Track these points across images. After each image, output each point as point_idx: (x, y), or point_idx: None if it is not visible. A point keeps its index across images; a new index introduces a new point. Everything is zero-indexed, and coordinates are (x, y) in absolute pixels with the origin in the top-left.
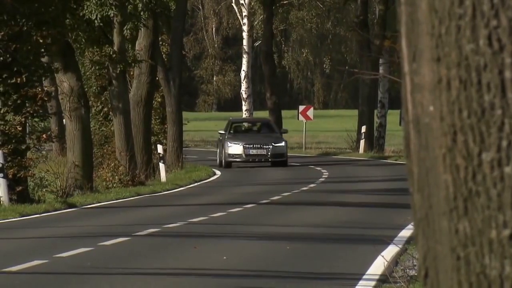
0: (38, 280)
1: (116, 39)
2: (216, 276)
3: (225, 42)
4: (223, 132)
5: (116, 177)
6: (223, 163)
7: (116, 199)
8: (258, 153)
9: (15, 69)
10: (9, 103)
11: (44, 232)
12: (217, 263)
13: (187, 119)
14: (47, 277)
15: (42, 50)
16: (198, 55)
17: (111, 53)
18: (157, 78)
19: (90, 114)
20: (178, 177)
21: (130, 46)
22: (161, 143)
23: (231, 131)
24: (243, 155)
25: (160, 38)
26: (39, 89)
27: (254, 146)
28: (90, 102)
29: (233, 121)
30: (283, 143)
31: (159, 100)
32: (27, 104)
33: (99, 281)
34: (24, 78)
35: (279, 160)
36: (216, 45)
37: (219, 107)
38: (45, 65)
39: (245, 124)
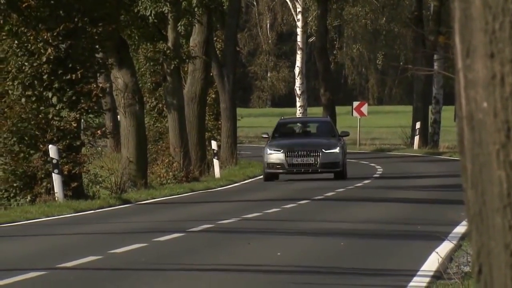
0: (93, 276)
1: (170, 35)
2: (270, 272)
3: (279, 38)
4: (266, 135)
5: (170, 173)
6: (263, 175)
7: (170, 195)
8: (304, 162)
9: (70, 65)
10: (64, 99)
11: (98, 228)
12: (271, 259)
13: (241, 115)
14: (101, 273)
15: (97, 46)
16: (252, 51)
17: (165, 49)
18: (211, 74)
19: (145, 110)
20: (232, 173)
21: (184, 42)
22: (215, 139)
23: (276, 134)
24: (285, 164)
25: (214, 34)
26: (94, 85)
27: (299, 153)
28: (144, 98)
29: (281, 122)
30: (337, 149)
31: (213, 96)
32: (82, 100)
33: (153, 277)
34: (79, 75)
35: (331, 170)
36: (270, 41)
37: (273, 103)
38: (100, 61)
39: (297, 125)
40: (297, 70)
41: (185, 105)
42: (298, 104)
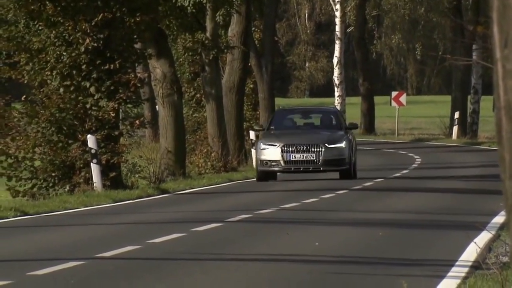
0: (131, 265)
1: (208, 25)
2: (308, 262)
3: (318, 28)
4: (260, 127)
5: (209, 163)
6: (256, 175)
7: (209, 185)
8: (303, 159)
9: (108, 55)
10: (103, 89)
11: (137, 218)
12: (309, 249)
13: (279, 105)
14: (140, 262)
15: (135, 36)
16: (290, 41)
17: (203, 40)
18: (249, 64)
19: (183, 100)
20: None
21: (222, 32)
22: (253, 129)
23: (272, 126)
24: (281, 162)
25: (252, 24)
26: (132, 75)
27: (298, 148)
28: (183, 88)
29: (278, 112)
30: (343, 144)
31: (251, 86)
32: (120, 90)
33: (191, 267)
34: (117, 64)
35: (336, 168)
36: (308, 31)
37: (312, 93)
38: (138, 51)
39: (297, 116)
40: (335, 60)
41: (223, 95)
42: (336, 94)
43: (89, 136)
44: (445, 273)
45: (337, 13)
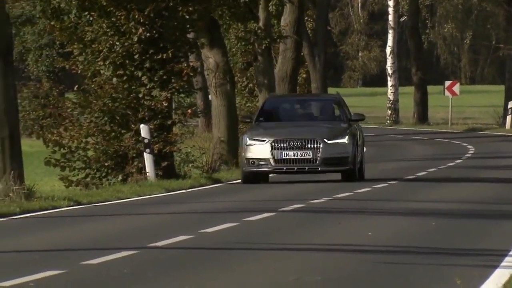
0: (184, 255)
1: (261, 15)
2: (361, 251)
3: (371, 18)
4: (247, 119)
5: None
6: (241, 176)
7: None
8: (297, 157)
9: (161, 45)
10: (155, 79)
11: (189, 208)
12: (362, 238)
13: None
14: (192, 252)
15: (188, 26)
16: (343, 31)
17: (256, 29)
18: (302, 54)
19: (236, 90)
20: None
21: (275, 22)
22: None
23: (261, 118)
24: (271, 160)
25: (305, 14)
26: (185, 65)
27: (291, 144)
28: (235, 78)
29: (268, 100)
30: (345, 139)
31: (304, 76)
32: (173, 80)
33: (244, 256)
34: (170, 54)
35: (337, 169)
36: (361, 20)
37: (365, 83)
38: (191, 41)
39: (291, 105)
40: (388, 50)
41: (276, 85)
42: (389, 83)
43: (142, 125)
44: (498, 263)
45: (390, 3)
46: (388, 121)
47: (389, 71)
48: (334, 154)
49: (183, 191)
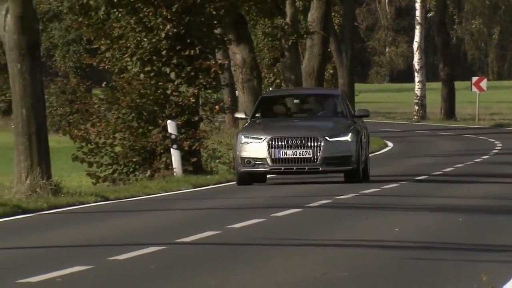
0: (210, 250)
1: (288, 10)
2: (387, 247)
3: (398, 13)
4: (243, 115)
5: None
6: (236, 176)
7: None
8: (297, 156)
9: (188, 41)
10: (183, 75)
11: (216, 203)
12: (388, 234)
13: (359, 91)
14: (219, 247)
15: (215, 22)
16: (370, 26)
17: (283, 25)
18: (329, 50)
19: (262, 86)
20: None
21: (302, 17)
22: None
23: (257, 114)
24: (268, 160)
25: (332, 9)
26: (212, 61)
27: (289, 142)
28: (262, 74)
29: (265, 96)
30: (348, 136)
31: (331, 71)
32: (200, 76)
33: (270, 252)
34: (198, 50)
35: (339, 169)
36: (388, 16)
37: (392, 79)
38: (218, 37)
39: (290, 101)
40: (415, 45)
41: (303, 81)
42: (416, 79)
43: (169, 121)
44: None
45: None
46: (415, 117)
47: (416, 66)
48: (336, 153)
49: (210, 187)
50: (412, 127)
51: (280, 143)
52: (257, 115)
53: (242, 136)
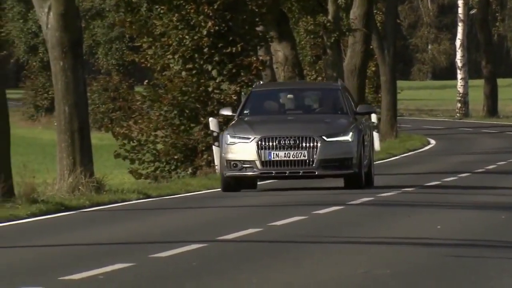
0: (252, 248)
1: (330, 8)
2: (430, 245)
3: (440, 10)
4: (229, 112)
5: None
6: (221, 181)
7: None
8: (290, 158)
9: (230, 38)
10: (225, 73)
11: (258, 201)
12: (431, 232)
13: (401, 88)
14: (261, 245)
15: (257, 19)
16: (413, 24)
17: (325, 22)
18: (371, 47)
19: None
20: (392, 146)
21: (344, 15)
22: (375, 112)
23: (246, 111)
24: (257, 163)
25: (374, 7)
26: (254, 58)
27: (282, 142)
28: (304, 71)
29: (255, 90)
30: (349, 136)
31: (373, 69)
32: (242, 73)
33: (312, 250)
34: (239, 48)
35: (339, 172)
36: (431, 13)
37: (434, 76)
38: (260, 34)
39: (284, 96)
40: (458, 43)
41: (345, 78)
42: (459, 76)
43: (210, 119)
44: None
45: None
46: (457, 114)
47: (459, 64)
48: (334, 155)
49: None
50: (455, 125)
51: (270, 144)
52: (245, 111)
53: (228, 136)
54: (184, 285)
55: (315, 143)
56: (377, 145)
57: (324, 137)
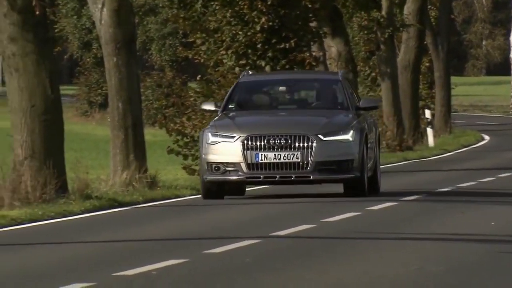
0: (305, 244)
1: (384, 3)
2: (484, 241)
3: (495, 6)
4: (212, 107)
5: (384, 142)
6: (201, 187)
7: (384, 165)
8: (281, 160)
9: (283, 34)
10: (278, 68)
11: (312, 197)
12: (484, 228)
13: (455, 84)
14: (314, 241)
15: (311, 15)
16: (467, 19)
17: (379, 18)
18: (425, 43)
19: (358, 79)
20: (446, 142)
21: (398, 10)
22: (429, 108)
23: (231, 105)
24: (243, 165)
25: (428, 2)
26: (307, 54)
27: (271, 142)
28: (358, 67)
29: (242, 81)
30: (349, 135)
31: (427, 64)
32: (295, 69)
33: (366, 246)
34: (293, 43)
35: (337, 177)
36: (485, 9)
37: (488, 72)
38: (314, 30)
39: (275, 88)
40: None
41: (399, 74)
42: None
43: None
44: None
45: None
46: (511, 110)
47: None
48: (332, 157)
49: None
50: (509, 120)
51: (258, 143)
52: (230, 106)
53: (209, 134)
54: (237, 281)
55: (310, 143)
56: (431, 140)
57: (320, 136)
